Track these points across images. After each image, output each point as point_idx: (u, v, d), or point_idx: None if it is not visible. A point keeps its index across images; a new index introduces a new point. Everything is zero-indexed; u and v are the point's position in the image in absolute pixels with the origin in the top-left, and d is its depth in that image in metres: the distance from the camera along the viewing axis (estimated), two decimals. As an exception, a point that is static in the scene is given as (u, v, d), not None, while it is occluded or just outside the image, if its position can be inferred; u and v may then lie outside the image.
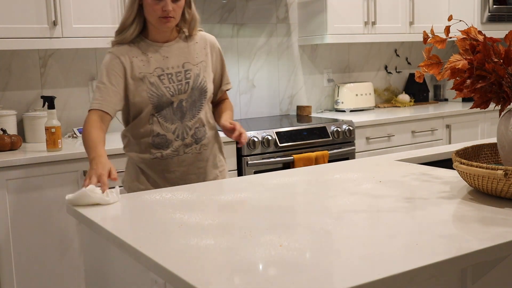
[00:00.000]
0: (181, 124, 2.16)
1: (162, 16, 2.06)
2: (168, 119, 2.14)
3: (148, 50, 2.14)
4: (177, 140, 2.16)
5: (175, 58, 2.16)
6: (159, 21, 2.08)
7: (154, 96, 2.12)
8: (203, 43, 2.23)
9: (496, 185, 1.55)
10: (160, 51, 2.15)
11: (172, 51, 2.16)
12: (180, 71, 2.15)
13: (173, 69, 2.15)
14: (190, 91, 2.16)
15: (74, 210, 1.70)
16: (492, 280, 1.38)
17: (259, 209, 1.66)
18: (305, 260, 1.23)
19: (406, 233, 1.37)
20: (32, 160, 2.73)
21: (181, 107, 2.15)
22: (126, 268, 1.47)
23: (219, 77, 2.30)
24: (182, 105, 2.15)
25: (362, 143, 3.74)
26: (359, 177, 1.98)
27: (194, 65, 2.18)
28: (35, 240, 2.78)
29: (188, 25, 2.19)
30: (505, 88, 1.61)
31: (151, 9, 2.06)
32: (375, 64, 4.65)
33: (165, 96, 2.12)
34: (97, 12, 3.08)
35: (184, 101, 2.15)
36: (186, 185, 2.00)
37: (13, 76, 3.23)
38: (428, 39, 1.68)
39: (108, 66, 2.11)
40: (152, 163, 2.17)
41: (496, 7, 4.46)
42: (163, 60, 2.14)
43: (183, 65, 2.16)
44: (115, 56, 2.12)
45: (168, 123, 2.15)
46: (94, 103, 2.08)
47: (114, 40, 2.16)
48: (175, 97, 2.14)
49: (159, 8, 2.05)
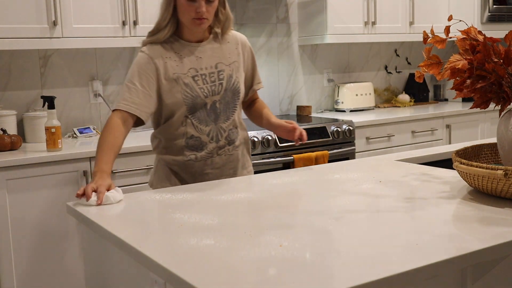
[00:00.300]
0: (215, 126, 2.12)
1: (196, 18, 2.01)
2: (202, 121, 2.10)
3: (181, 51, 2.09)
4: (212, 142, 2.12)
5: (208, 59, 2.11)
6: (193, 23, 2.03)
7: (189, 97, 2.06)
8: (234, 42, 2.18)
9: (496, 185, 1.55)
10: (194, 51, 2.10)
11: (205, 51, 2.11)
12: (213, 71, 2.11)
13: (206, 69, 2.10)
14: (223, 92, 2.12)
15: (74, 210, 1.70)
16: (492, 280, 1.38)
17: (259, 209, 1.66)
18: (305, 260, 1.23)
19: (406, 233, 1.37)
20: (32, 160, 2.73)
21: (214, 109, 2.11)
22: (126, 268, 1.47)
23: (250, 77, 2.25)
24: (216, 106, 2.11)
25: (362, 143, 3.74)
26: (359, 177, 1.98)
27: (227, 66, 2.14)
28: (35, 240, 2.78)
29: (222, 25, 2.13)
30: (505, 88, 1.61)
31: (185, 10, 2.01)
32: (375, 64, 4.65)
33: (199, 97, 2.07)
34: (97, 12, 3.08)
35: (217, 102, 2.11)
36: (186, 185, 2.00)
37: (13, 76, 3.23)
38: (428, 39, 1.68)
39: (140, 67, 2.05)
40: (186, 165, 2.13)
41: (496, 7, 4.46)
42: (196, 61, 2.09)
43: (216, 66, 2.12)
44: (148, 56, 2.06)
45: (202, 125, 2.10)
46: (121, 103, 2.01)
47: (147, 40, 2.10)
48: (209, 98, 2.09)
49: (193, 10, 2.00)
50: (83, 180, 2.85)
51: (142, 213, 1.65)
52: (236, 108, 2.17)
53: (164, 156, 2.16)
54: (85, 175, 2.85)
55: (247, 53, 2.22)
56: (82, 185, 2.84)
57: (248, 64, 2.23)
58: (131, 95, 2.01)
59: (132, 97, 2.01)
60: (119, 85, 3.52)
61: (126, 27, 3.16)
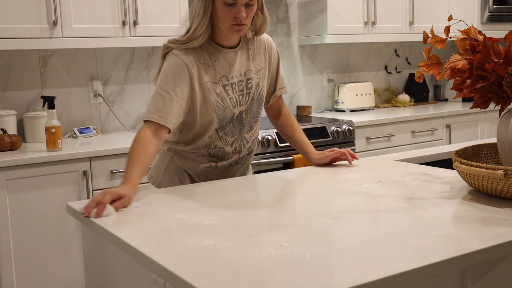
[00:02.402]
0: (239, 137, 2.03)
1: (235, 24, 1.87)
2: (228, 132, 2.00)
3: (215, 56, 1.95)
4: (234, 153, 2.04)
5: (239, 66, 1.98)
6: (231, 29, 1.88)
7: (220, 108, 1.94)
8: (262, 47, 2.05)
9: (496, 185, 1.55)
10: (227, 57, 1.96)
11: (237, 58, 1.98)
12: (242, 80, 1.98)
13: (236, 77, 1.97)
14: (250, 102, 2.01)
15: (74, 210, 1.70)
16: (492, 280, 1.38)
17: (259, 209, 1.66)
18: (305, 260, 1.23)
19: (406, 233, 1.37)
20: (32, 160, 2.73)
21: (241, 119, 2.01)
22: (126, 268, 1.47)
23: (274, 81, 2.12)
24: (242, 117, 2.01)
25: (362, 143, 3.74)
26: (359, 177, 1.98)
27: (255, 73, 2.01)
28: (35, 240, 2.78)
29: (258, 29, 1.99)
30: (505, 88, 1.61)
31: (223, 16, 1.86)
32: (375, 64, 4.65)
33: (229, 108, 1.96)
34: (97, 12, 3.08)
35: (243, 112, 2.00)
36: (186, 185, 2.00)
37: (13, 76, 3.23)
38: (428, 39, 1.68)
39: (174, 73, 1.88)
40: (205, 171, 2.04)
41: (496, 7, 4.46)
42: (228, 68, 1.96)
43: (245, 73, 1.99)
44: (182, 62, 1.89)
45: (228, 136, 2.00)
46: (154, 115, 1.84)
47: (178, 47, 1.92)
48: (237, 109, 1.98)
49: (232, 15, 1.85)
50: (83, 180, 2.85)
51: (142, 213, 1.65)
52: (259, 118, 2.09)
53: (180, 159, 2.06)
54: (85, 175, 2.85)
55: (274, 57, 2.10)
56: (82, 186, 2.85)
57: (273, 68, 2.11)
58: (165, 104, 1.85)
59: (166, 107, 1.85)
60: (119, 85, 3.52)
61: (126, 27, 3.16)
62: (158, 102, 1.85)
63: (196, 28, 1.89)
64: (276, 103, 2.20)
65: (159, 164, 2.14)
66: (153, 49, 3.61)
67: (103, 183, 2.91)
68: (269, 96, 2.14)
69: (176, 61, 1.90)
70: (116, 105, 3.53)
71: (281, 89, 2.15)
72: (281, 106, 2.22)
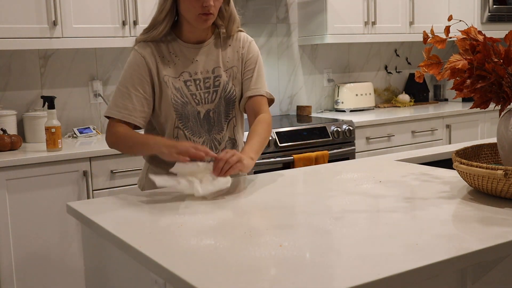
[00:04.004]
0: (209, 137, 1.97)
1: (202, 13, 1.84)
2: (195, 132, 1.95)
3: (177, 51, 1.93)
4: None
5: (205, 62, 1.94)
6: (198, 19, 1.86)
7: (179, 103, 1.91)
8: (237, 45, 2.00)
9: (496, 185, 1.55)
10: (190, 53, 1.94)
11: (202, 54, 1.94)
12: (209, 76, 1.94)
13: (201, 74, 1.94)
14: (217, 100, 1.95)
15: (74, 210, 1.70)
16: (492, 280, 1.38)
17: (259, 209, 1.66)
18: (305, 260, 1.23)
19: (406, 233, 1.37)
20: (32, 160, 2.73)
21: (208, 118, 1.95)
22: (126, 268, 1.47)
23: (247, 82, 2.00)
24: (210, 116, 1.95)
25: (362, 143, 3.74)
26: (359, 177, 1.98)
27: (224, 71, 1.96)
28: (35, 240, 2.78)
29: (226, 24, 1.96)
30: (505, 88, 1.61)
31: (190, 5, 1.83)
32: (375, 64, 4.65)
33: (190, 104, 1.92)
34: (97, 12, 3.08)
35: (211, 111, 1.95)
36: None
37: (13, 76, 3.23)
38: (428, 39, 1.68)
39: (133, 68, 1.90)
40: None
41: (496, 7, 4.46)
42: (192, 64, 1.93)
43: (213, 70, 1.95)
44: (140, 55, 1.90)
45: (195, 137, 1.95)
46: (113, 110, 1.88)
47: (141, 38, 1.93)
48: (202, 106, 1.93)
49: (199, 4, 1.82)
50: (83, 180, 2.85)
51: (142, 213, 1.65)
52: (229, 118, 1.99)
53: (155, 168, 2.00)
54: (85, 175, 2.85)
55: (251, 56, 2.01)
56: (82, 186, 2.85)
57: (249, 68, 2.00)
58: (123, 100, 1.88)
59: (125, 103, 1.88)
60: (119, 85, 3.52)
61: (126, 27, 3.16)
62: (118, 100, 1.89)
63: (156, 14, 1.89)
64: (252, 106, 1.99)
65: (142, 171, 2.11)
66: (153, 49, 3.61)
67: (103, 183, 2.91)
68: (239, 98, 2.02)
69: (134, 55, 1.92)
70: (116, 105, 3.53)
71: (253, 90, 1.97)
72: (257, 109, 1.98)
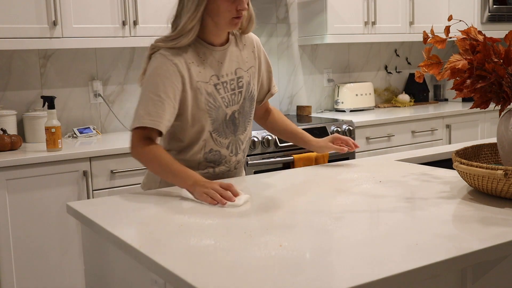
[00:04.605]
0: (234, 138, 1.97)
1: (236, 16, 1.84)
2: (221, 134, 1.93)
3: (204, 55, 1.88)
4: (231, 155, 1.98)
5: (228, 64, 1.93)
6: (231, 22, 1.85)
7: (213, 108, 1.88)
8: (250, 45, 2.01)
9: (496, 185, 1.55)
10: (216, 55, 1.91)
11: (226, 56, 1.92)
12: (233, 78, 1.93)
13: (227, 76, 1.92)
14: (242, 101, 1.95)
15: (74, 210, 1.70)
16: (492, 280, 1.38)
17: (259, 209, 1.66)
18: (305, 260, 1.23)
19: (406, 233, 1.37)
20: (32, 160, 2.73)
21: (233, 120, 1.95)
22: (126, 268, 1.47)
23: (267, 81, 2.08)
24: (235, 117, 1.95)
25: (362, 143, 3.74)
26: (359, 177, 1.98)
27: (245, 72, 1.96)
28: (35, 240, 2.78)
29: (246, 24, 1.95)
30: (505, 88, 1.61)
31: (226, 9, 1.81)
32: (375, 64, 4.65)
33: (221, 107, 1.90)
34: (97, 12, 3.08)
35: (236, 112, 1.95)
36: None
37: (13, 76, 3.23)
38: (428, 39, 1.68)
39: (164, 75, 1.81)
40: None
41: (496, 7, 4.46)
42: (218, 67, 1.90)
43: (236, 72, 1.94)
44: (170, 62, 1.82)
45: (222, 138, 1.94)
46: (146, 120, 1.80)
47: (166, 45, 1.85)
48: (229, 108, 1.93)
49: (234, 8, 1.82)
50: (83, 180, 2.85)
51: (142, 213, 1.65)
52: (252, 118, 2.04)
53: None
54: (85, 175, 2.85)
55: (263, 55, 2.05)
56: (82, 186, 2.85)
57: (263, 67, 2.06)
58: (156, 108, 1.80)
59: (158, 111, 1.80)
60: (119, 85, 3.52)
61: (126, 27, 3.16)
62: (150, 107, 1.80)
63: (186, 23, 1.82)
64: (265, 105, 2.17)
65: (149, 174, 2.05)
66: (153, 49, 3.61)
67: (103, 183, 2.91)
68: (263, 95, 2.10)
69: (164, 62, 1.82)
70: (116, 105, 3.53)
71: (274, 87, 2.12)
72: (267, 105, 2.20)
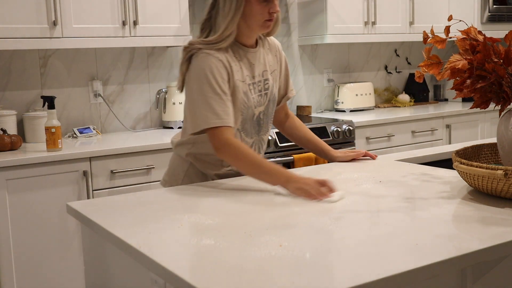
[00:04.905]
0: (257, 138, 2.03)
1: (268, 19, 1.90)
2: (248, 133, 1.99)
3: (240, 56, 1.94)
4: None
5: (258, 66, 1.98)
6: (263, 24, 1.91)
7: (245, 108, 1.94)
8: (273, 49, 2.07)
9: (496, 185, 1.55)
10: (249, 57, 1.96)
11: (256, 58, 1.98)
12: (261, 80, 1.99)
13: (257, 77, 1.97)
14: (267, 103, 2.01)
15: (74, 210, 1.70)
16: (492, 280, 1.38)
17: (259, 209, 1.66)
18: (305, 260, 1.23)
19: (406, 233, 1.37)
20: (32, 160, 2.73)
21: (259, 120, 2.01)
22: (126, 268, 1.47)
23: (284, 84, 2.13)
24: (260, 118, 2.01)
25: (362, 143, 3.74)
26: (359, 177, 1.98)
27: (270, 74, 2.02)
28: (35, 240, 2.78)
29: (273, 26, 1.98)
30: (505, 88, 1.61)
31: (258, 13, 1.88)
32: (375, 64, 4.65)
33: (251, 108, 1.96)
34: (97, 12, 3.08)
35: (261, 113, 2.01)
36: (185, 186, 1.99)
37: (13, 76, 3.23)
38: (428, 39, 1.68)
39: (215, 73, 1.85)
40: (227, 174, 2.03)
41: (496, 7, 4.46)
42: (250, 67, 1.96)
43: (263, 74, 2.00)
44: (217, 59, 1.86)
45: (248, 137, 1.99)
46: (216, 120, 1.83)
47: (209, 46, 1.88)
48: (257, 109, 1.98)
49: (266, 11, 1.88)
50: (83, 180, 2.85)
51: (142, 213, 1.65)
52: (272, 119, 2.10)
53: (201, 164, 2.02)
54: (85, 175, 2.85)
55: (283, 60, 2.11)
56: (82, 186, 2.85)
57: (283, 71, 2.12)
58: (222, 107, 1.84)
59: (224, 109, 1.84)
60: (119, 85, 3.52)
61: (126, 27, 3.16)
62: (216, 108, 1.83)
63: (227, 27, 1.87)
64: (284, 106, 2.20)
65: (176, 169, 2.07)
66: (153, 49, 3.61)
67: (103, 183, 2.91)
68: (280, 98, 2.14)
69: (212, 60, 1.86)
70: (116, 105, 3.53)
71: (291, 91, 2.16)
72: (287, 109, 2.23)
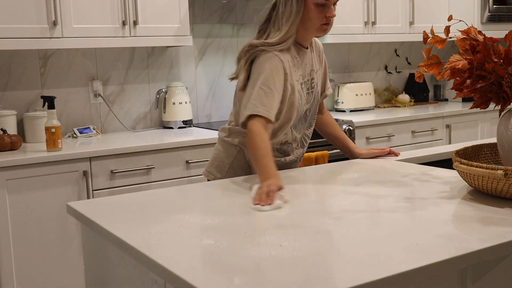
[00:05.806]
0: (304, 133, 2.16)
1: (324, 23, 2.00)
2: (298, 129, 2.11)
3: (297, 55, 2.05)
4: (298, 148, 2.16)
5: (308, 66, 2.09)
6: (320, 28, 2.01)
7: (299, 105, 2.05)
8: (317, 49, 2.17)
9: (496, 185, 1.55)
10: (304, 57, 2.07)
11: (307, 58, 2.09)
12: (309, 79, 2.09)
13: (306, 76, 2.08)
14: (312, 100, 2.12)
15: (74, 210, 1.70)
16: (492, 280, 1.38)
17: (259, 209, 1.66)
18: (305, 260, 1.23)
19: (406, 233, 1.37)
20: (32, 160, 2.73)
21: (305, 117, 2.12)
22: (126, 268, 1.47)
23: (323, 82, 2.23)
24: (307, 114, 2.12)
25: (362, 143, 3.74)
26: (359, 177, 1.98)
27: (315, 74, 2.13)
28: (35, 240, 2.78)
29: None
30: (505, 88, 1.61)
31: (315, 16, 1.97)
32: (375, 64, 4.65)
33: (302, 105, 2.07)
34: (97, 12, 3.08)
35: (308, 110, 2.12)
36: (186, 185, 2.00)
37: (13, 76, 3.23)
38: (428, 39, 1.68)
39: (274, 71, 1.95)
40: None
41: (496, 7, 4.46)
42: (303, 67, 2.07)
43: (310, 73, 2.10)
44: (279, 59, 1.96)
45: (297, 133, 2.11)
46: (259, 109, 1.90)
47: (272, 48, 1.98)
48: (305, 106, 2.10)
49: (323, 15, 1.98)
50: (83, 180, 2.85)
51: (142, 213, 1.65)
52: (315, 116, 2.20)
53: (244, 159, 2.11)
54: (85, 175, 2.85)
55: (324, 60, 2.21)
56: (82, 186, 2.85)
57: (323, 70, 2.21)
58: (268, 99, 1.92)
59: (270, 101, 1.92)
60: (119, 85, 3.52)
61: (126, 27, 3.16)
62: (262, 98, 1.91)
63: (289, 29, 1.97)
64: (321, 103, 2.31)
65: (222, 158, 2.13)
66: (153, 49, 3.61)
67: (103, 183, 2.91)
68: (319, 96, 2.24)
69: (274, 59, 1.95)
70: (116, 105, 3.53)
71: (328, 89, 2.28)
72: (322, 105, 2.34)
